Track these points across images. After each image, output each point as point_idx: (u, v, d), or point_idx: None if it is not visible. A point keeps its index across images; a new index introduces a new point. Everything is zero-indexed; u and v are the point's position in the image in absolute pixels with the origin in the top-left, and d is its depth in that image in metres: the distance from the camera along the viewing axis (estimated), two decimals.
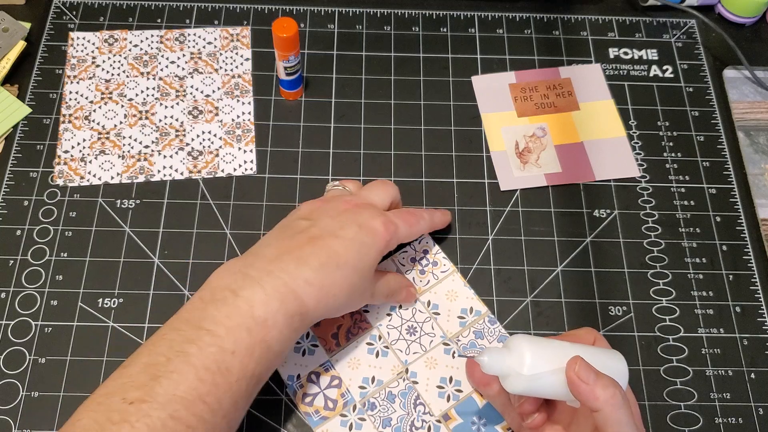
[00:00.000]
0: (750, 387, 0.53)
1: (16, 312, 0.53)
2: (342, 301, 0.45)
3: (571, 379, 0.40)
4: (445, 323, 0.53)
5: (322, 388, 0.50)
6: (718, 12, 0.70)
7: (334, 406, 0.50)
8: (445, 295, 0.54)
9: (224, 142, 0.60)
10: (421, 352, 0.52)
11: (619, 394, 0.39)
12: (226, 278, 0.42)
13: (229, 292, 0.41)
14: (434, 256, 0.56)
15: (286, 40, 0.56)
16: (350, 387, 0.50)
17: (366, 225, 0.47)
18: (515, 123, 0.62)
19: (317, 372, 0.50)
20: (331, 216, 0.47)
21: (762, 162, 0.62)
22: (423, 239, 0.56)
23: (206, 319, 0.40)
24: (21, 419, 0.49)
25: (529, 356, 0.41)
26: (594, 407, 0.39)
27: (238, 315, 0.40)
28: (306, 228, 0.46)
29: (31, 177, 0.58)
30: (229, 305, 0.40)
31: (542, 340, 0.43)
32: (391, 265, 0.54)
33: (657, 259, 0.57)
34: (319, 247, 0.44)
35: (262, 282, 0.42)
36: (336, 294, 0.44)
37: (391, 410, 0.50)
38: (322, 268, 0.43)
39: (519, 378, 0.41)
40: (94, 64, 0.63)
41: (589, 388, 0.39)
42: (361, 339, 0.52)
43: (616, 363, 0.42)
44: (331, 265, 0.44)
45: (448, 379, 0.51)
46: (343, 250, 0.45)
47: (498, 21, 0.68)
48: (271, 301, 0.41)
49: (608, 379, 0.39)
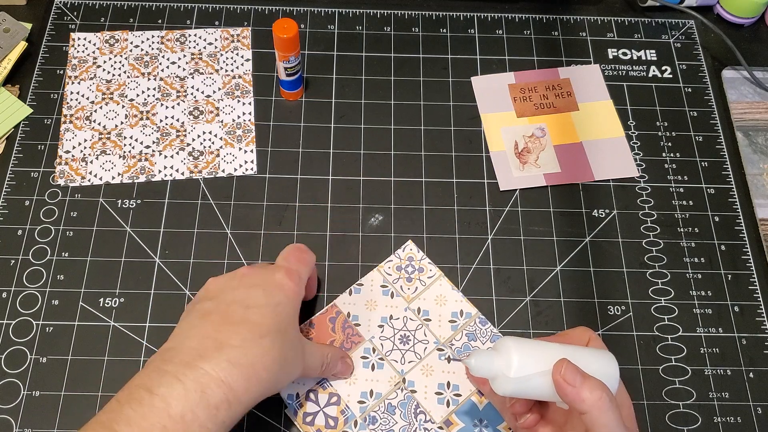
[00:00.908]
0: (749, 386, 0.53)
1: (18, 311, 0.53)
2: (275, 371, 0.42)
3: (557, 382, 0.40)
4: (437, 329, 0.53)
5: (321, 406, 0.50)
6: (716, 12, 0.70)
7: (336, 423, 0.49)
8: (434, 300, 0.54)
9: (225, 142, 0.60)
10: (417, 360, 0.52)
11: (605, 396, 0.39)
12: (143, 377, 0.40)
13: (144, 390, 0.39)
14: (419, 262, 0.56)
15: (286, 41, 0.56)
16: (349, 403, 0.50)
17: (269, 283, 0.45)
18: (515, 123, 0.63)
19: (315, 390, 0.50)
20: (233, 287, 0.45)
21: (760, 162, 0.62)
22: (407, 247, 0.56)
23: (121, 421, 0.38)
24: (22, 418, 0.49)
25: (516, 358, 0.41)
26: (581, 410, 0.39)
27: (153, 414, 0.38)
28: (214, 308, 0.43)
29: (33, 177, 0.58)
30: (145, 405, 0.38)
31: (531, 342, 0.43)
32: (378, 276, 0.55)
33: (656, 259, 0.58)
34: (236, 323, 0.42)
35: (180, 376, 0.39)
36: (267, 365, 0.41)
37: (392, 422, 0.50)
38: (245, 343, 0.41)
39: (506, 380, 0.41)
40: (95, 65, 0.63)
41: (575, 391, 0.39)
42: (354, 353, 0.52)
43: (605, 364, 0.42)
44: (255, 337, 0.42)
45: (446, 385, 0.51)
46: (260, 318, 0.43)
47: (497, 22, 0.68)
48: (190, 395, 0.38)
49: (595, 381, 0.39)
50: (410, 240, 0.56)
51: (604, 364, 0.42)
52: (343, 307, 0.53)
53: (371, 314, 0.53)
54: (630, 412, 0.44)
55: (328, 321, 0.53)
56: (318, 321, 0.53)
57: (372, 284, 0.54)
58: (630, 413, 0.44)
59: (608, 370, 0.42)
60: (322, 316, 0.53)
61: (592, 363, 0.41)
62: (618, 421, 0.39)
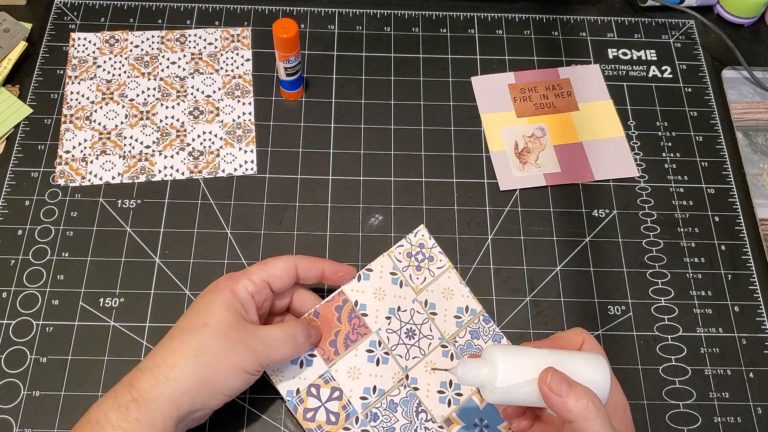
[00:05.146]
0: (749, 386, 0.53)
1: (18, 311, 0.53)
2: (192, 365, 0.43)
3: (543, 392, 0.40)
4: (442, 324, 0.53)
5: (322, 401, 0.49)
6: (716, 12, 0.70)
7: (337, 419, 0.49)
8: (441, 293, 0.54)
9: (225, 142, 0.60)
10: (421, 356, 0.52)
11: (591, 405, 0.38)
12: None
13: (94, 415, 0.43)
14: (430, 250, 0.55)
15: (286, 41, 0.56)
16: (351, 398, 0.50)
17: (208, 289, 0.47)
18: (514, 123, 0.63)
19: (317, 384, 0.50)
20: None
21: (760, 162, 0.62)
22: (419, 232, 0.56)
23: None
24: (22, 418, 0.49)
25: (502, 368, 0.41)
26: (567, 419, 0.39)
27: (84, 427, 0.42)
28: None
29: (33, 177, 0.58)
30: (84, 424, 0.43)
31: (518, 350, 0.42)
32: (388, 261, 0.54)
33: (656, 259, 0.58)
34: None
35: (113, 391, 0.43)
36: (177, 362, 0.43)
37: (393, 420, 0.49)
38: (156, 350, 0.44)
39: (493, 390, 0.41)
40: (95, 65, 0.63)
41: (561, 401, 0.39)
42: (360, 346, 0.51)
43: (594, 370, 0.42)
44: (166, 340, 0.45)
45: (448, 383, 0.51)
46: (178, 323, 0.46)
47: (497, 22, 0.68)
48: (105, 401, 0.42)
49: (582, 389, 0.39)
50: (422, 225, 0.56)
51: (594, 369, 0.41)
52: (351, 294, 0.52)
53: (379, 304, 0.53)
54: (626, 414, 0.43)
55: (334, 310, 0.52)
56: (323, 310, 0.52)
57: (382, 270, 0.54)
58: (626, 416, 0.43)
59: (597, 375, 0.41)
60: (328, 305, 0.52)
61: (581, 369, 0.41)
62: (606, 428, 0.38)
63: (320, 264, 0.50)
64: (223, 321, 0.45)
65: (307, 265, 0.49)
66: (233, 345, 0.44)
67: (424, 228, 0.56)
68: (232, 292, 0.46)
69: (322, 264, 0.50)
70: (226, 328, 0.44)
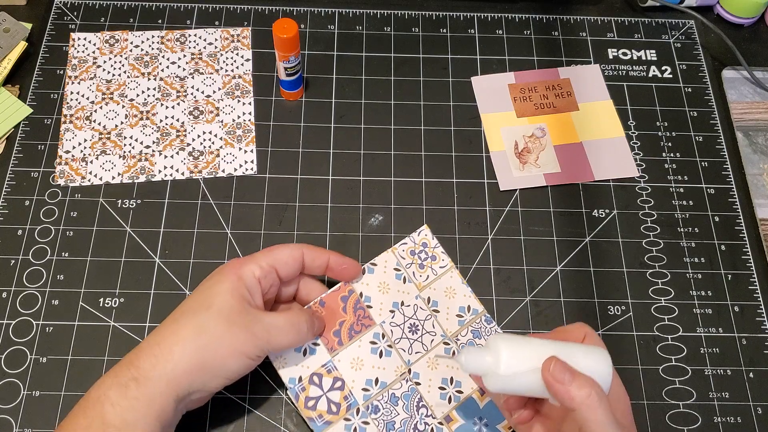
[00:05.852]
0: (749, 386, 0.53)
1: (18, 311, 0.53)
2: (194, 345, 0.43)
3: (546, 380, 0.40)
4: (445, 321, 0.53)
5: (324, 390, 0.50)
6: (716, 12, 0.70)
7: (338, 409, 0.49)
8: (444, 292, 0.54)
9: (225, 142, 0.60)
10: (423, 352, 0.52)
11: (594, 393, 0.39)
12: None
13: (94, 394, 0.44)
14: (433, 250, 0.55)
15: (286, 41, 0.56)
16: (353, 389, 0.50)
17: (214, 272, 0.48)
18: (514, 123, 0.63)
19: (319, 373, 0.50)
20: None
21: (760, 162, 0.62)
22: (422, 231, 0.56)
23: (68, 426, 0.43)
24: (22, 418, 0.49)
25: (505, 355, 0.41)
26: (570, 407, 0.39)
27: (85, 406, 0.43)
28: None
29: (33, 177, 0.58)
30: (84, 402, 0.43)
31: (522, 339, 0.42)
32: (391, 257, 0.54)
33: (656, 259, 0.58)
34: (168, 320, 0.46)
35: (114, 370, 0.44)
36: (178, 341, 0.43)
37: (394, 413, 0.50)
38: (158, 329, 0.45)
39: (496, 377, 0.41)
40: (95, 65, 0.63)
41: (564, 389, 0.39)
42: (364, 337, 0.51)
43: (597, 361, 0.42)
44: (168, 321, 0.45)
45: (449, 380, 0.51)
46: (183, 304, 0.46)
47: (497, 22, 0.68)
48: (105, 379, 0.43)
49: (584, 378, 0.39)
50: (425, 225, 0.56)
51: (596, 360, 0.42)
52: (356, 285, 0.53)
53: (384, 297, 0.53)
54: (626, 407, 0.44)
55: (339, 300, 0.52)
56: (329, 299, 0.52)
57: (386, 265, 0.54)
58: (626, 409, 0.44)
59: (600, 366, 0.41)
60: (334, 294, 0.52)
61: (584, 360, 0.41)
62: (608, 418, 0.39)
63: (326, 255, 0.50)
64: (227, 304, 0.45)
65: (313, 254, 0.50)
66: (234, 328, 0.44)
67: (428, 228, 0.56)
68: (238, 276, 0.46)
69: (327, 255, 0.50)
70: (229, 311, 0.45)
